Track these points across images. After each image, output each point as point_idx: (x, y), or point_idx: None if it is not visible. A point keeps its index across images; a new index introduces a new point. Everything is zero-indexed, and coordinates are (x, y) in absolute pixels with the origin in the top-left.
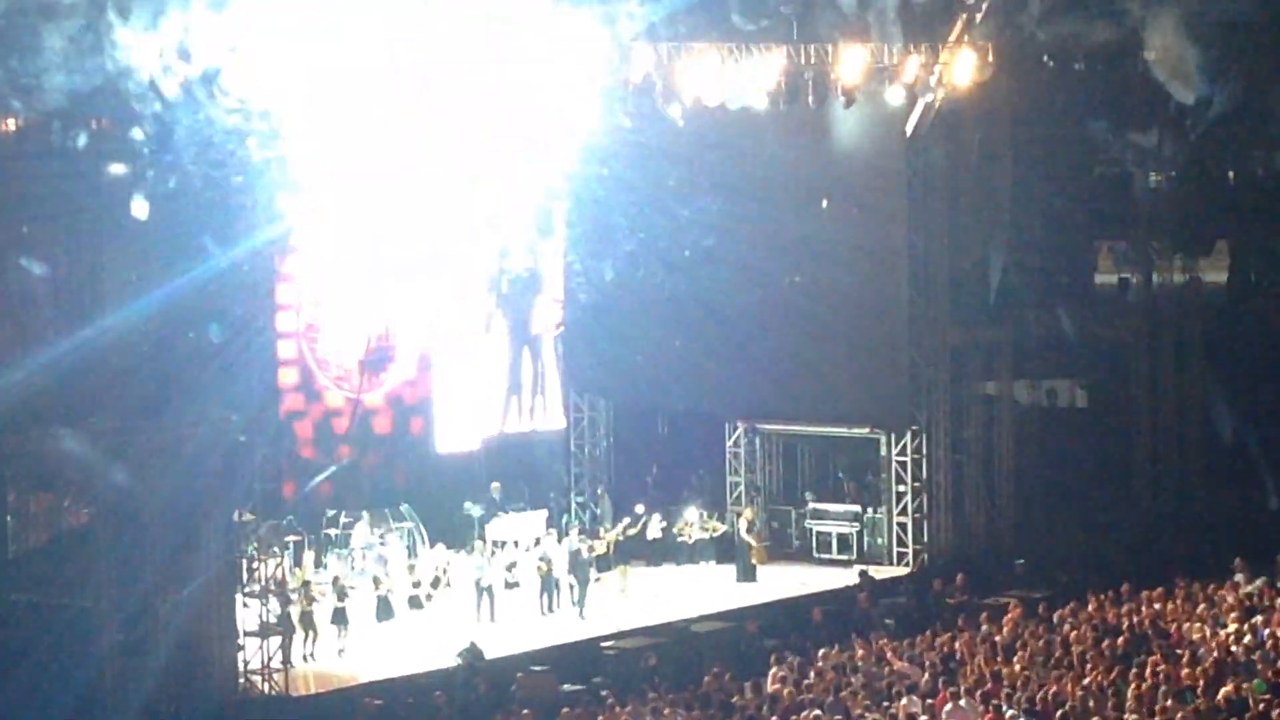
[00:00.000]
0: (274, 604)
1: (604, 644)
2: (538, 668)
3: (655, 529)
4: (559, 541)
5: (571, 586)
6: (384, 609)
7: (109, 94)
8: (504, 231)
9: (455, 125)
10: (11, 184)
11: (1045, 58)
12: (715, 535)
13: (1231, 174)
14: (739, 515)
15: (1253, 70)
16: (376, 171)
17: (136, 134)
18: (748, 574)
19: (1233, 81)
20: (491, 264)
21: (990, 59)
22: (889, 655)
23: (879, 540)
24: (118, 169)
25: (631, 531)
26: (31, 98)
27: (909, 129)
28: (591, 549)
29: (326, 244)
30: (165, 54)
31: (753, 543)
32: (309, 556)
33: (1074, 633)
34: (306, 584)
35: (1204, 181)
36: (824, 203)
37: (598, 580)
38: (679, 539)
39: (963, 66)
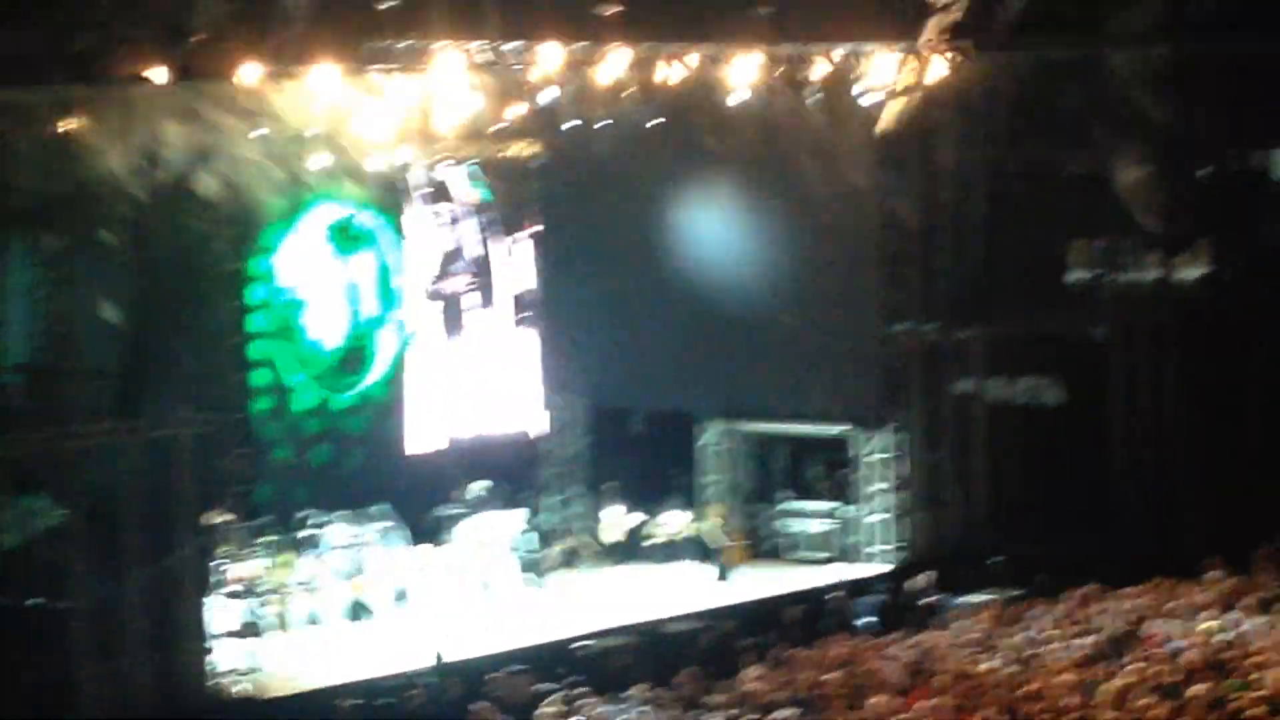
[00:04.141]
0: (248, 605)
1: (579, 643)
2: (512, 667)
3: (618, 531)
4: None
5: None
6: (358, 609)
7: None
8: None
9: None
10: None
11: (1018, 57)
12: (689, 535)
13: (1208, 171)
14: (709, 515)
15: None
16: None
17: None
18: (721, 573)
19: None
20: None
21: (964, 58)
22: (864, 654)
23: (854, 539)
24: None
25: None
26: None
27: (883, 128)
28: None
29: (302, 240)
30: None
31: (726, 542)
32: (284, 557)
33: (1051, 631)
34: (281, 585)
35: (1180, 179)
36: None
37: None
38: (653, 539)
39: (937, 65)
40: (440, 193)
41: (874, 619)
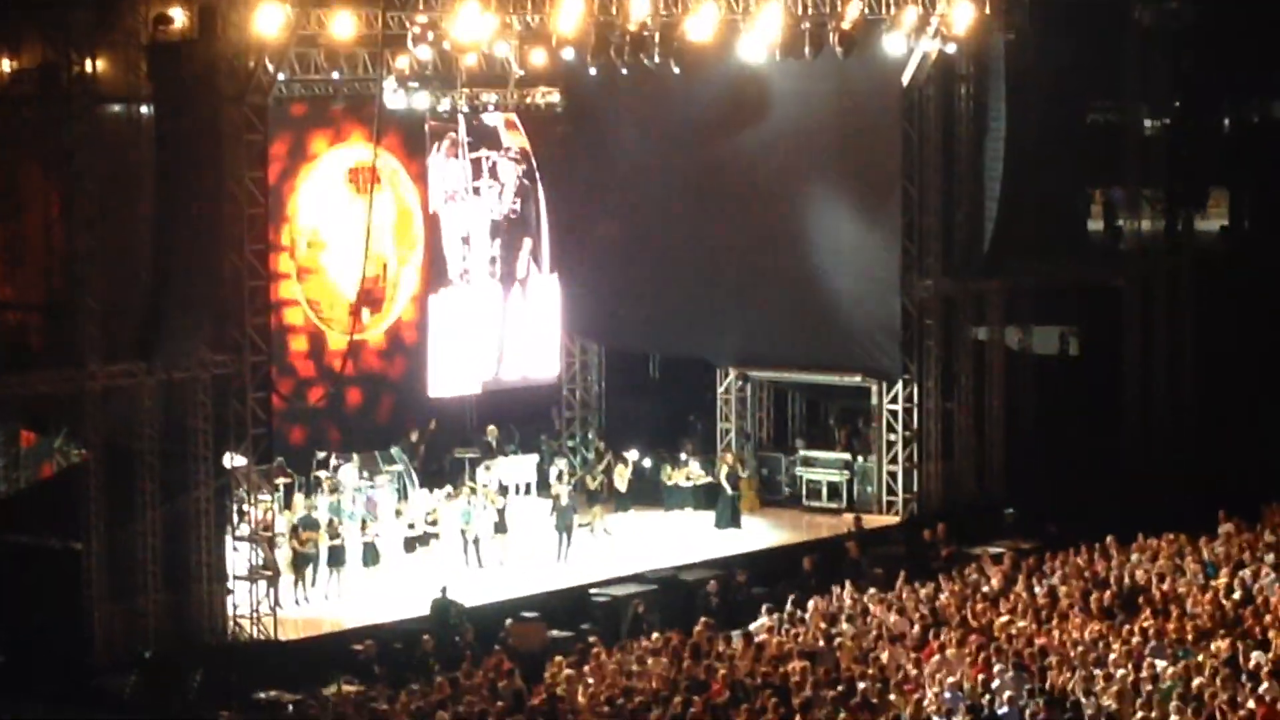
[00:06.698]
0: (263, 548)
1: (593, 591)
2: (526, 614)
3: (623, 480)
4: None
5: (563, 534)
6: (371, 554)
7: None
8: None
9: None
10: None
11: (1039, 7)
12: (700, 482)
13: (1227, 121)
14: (720, 461)
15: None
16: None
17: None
18: (728, 520)
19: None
20: (477, 209)
21: (986, 9)
22: (878, 605)
23: (869, 489)
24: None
25: (601, 475)
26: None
27: (905, 79)
28: (572, 495)
29: (321, 186)
30: None
31: (729, 490)
32: (298, 500)
33: (1063, 586)
34: (295, 528)
35: (1199, 129)
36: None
37: (585, 525)
38: (668, 485)
39: (959, 16)
40: (469, 137)
41: (889, 570)
